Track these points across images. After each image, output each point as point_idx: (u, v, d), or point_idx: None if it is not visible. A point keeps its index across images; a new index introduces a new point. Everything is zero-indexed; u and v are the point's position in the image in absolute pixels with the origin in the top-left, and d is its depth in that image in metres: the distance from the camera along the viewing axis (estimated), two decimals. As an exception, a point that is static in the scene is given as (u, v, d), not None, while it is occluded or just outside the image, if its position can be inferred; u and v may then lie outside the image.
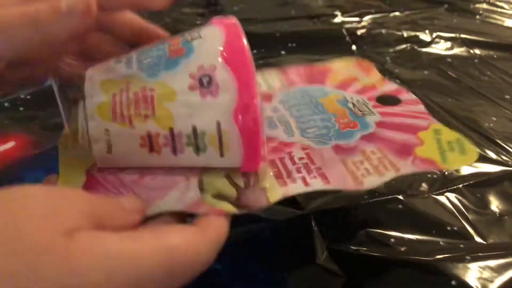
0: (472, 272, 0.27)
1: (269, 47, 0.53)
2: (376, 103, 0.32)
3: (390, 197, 0.33)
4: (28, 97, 0.43)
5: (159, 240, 0.18)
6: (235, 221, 0.30)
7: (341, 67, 0.36)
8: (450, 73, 0.52)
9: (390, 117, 0.30)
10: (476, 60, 0.56)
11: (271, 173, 0.25)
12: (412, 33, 0.60)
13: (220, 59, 0.23)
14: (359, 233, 0.30)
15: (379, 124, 0.29)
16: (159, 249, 0.18)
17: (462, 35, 0.60)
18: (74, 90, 0.27)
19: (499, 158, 0.38)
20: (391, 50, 0.57)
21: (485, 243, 0.30)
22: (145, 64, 0.23)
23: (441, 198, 0.33)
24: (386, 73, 0.51)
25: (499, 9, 0.73)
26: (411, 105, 0.31)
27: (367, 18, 0.64)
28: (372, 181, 0.24)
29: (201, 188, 0.24)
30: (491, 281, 0.27)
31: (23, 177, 0.34)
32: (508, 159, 0.38)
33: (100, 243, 0.17)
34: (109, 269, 0.16)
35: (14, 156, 0.36)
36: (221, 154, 0.23)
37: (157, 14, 0.56)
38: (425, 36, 0.60)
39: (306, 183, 0.24)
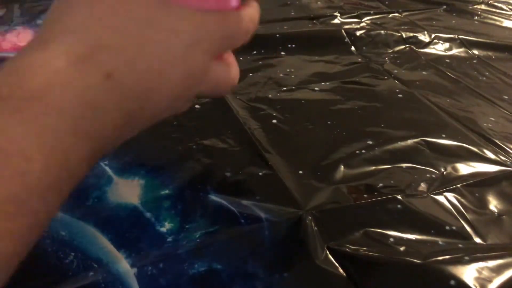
0: (471, 272, 0.27)
1: (268, 48, 0.53)
2: None
3: (389, 197, 0.33)
4: None
5: None
6: (235, 221, 0.30)
7: None
8: (448, 73, 0.52)
9: None
10: (474, 61, 0.56)
11: None
12: (411, 34, 0.60)
13: None
14: (358, 233, 0.30)
15: None
16: None
17: (461, 36, 0.60)
18: None
19: (498, 158, 0.38)
20: (390, 51, 0.57)
21: (484, 243, 0.30)
22: None
23: (440, 198, 0.33)
24: (385, 73, 0.51)
25: (497, 10, 0.73)
26: None
27: (366, 19, 0.64)
28: None
29: None
30: (490, 281, 0.27)
31: None
32: (506, 159, 0.38)
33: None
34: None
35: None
36: None
37: None
38: (424, 37, 0.60)
39: None
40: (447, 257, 0.28)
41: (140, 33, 0.19)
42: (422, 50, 0.58)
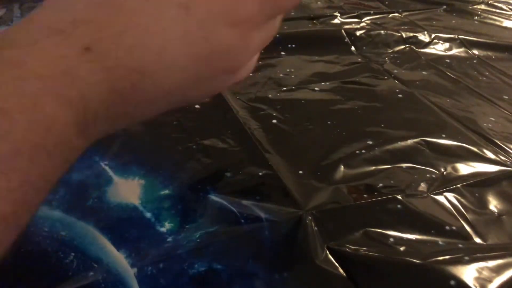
0: (471, 272, 0.27)
1: (268, 48, 0.53)
2: None
3: (389, 197, 0.33)
4: None
5: None
6: (235, 221, 0.30)
7: None
8: (448, 73, 0.52)
9: None
10: (474, 61, 0.56)
11: None
12: (411, 34, 0.60)
13: None
14: (358, 233, 0.30)
15: None
16: None
17: (461, 36, 0.60)
18: None
19: (498, 158, 0.38)
20: (390, 51, 0.57)
21: (484, 243, 0.30)
22: None
23: (440, 198, 0.33)
24: (385, 73, 0.51)
25: (497, 10, 0.73)
26: None
27: (366, 19, 0.64)
28: None
29: None
30: (490, 281, 0.27)
31: None
32: (506, 159, 0.38)
33: None
34: None
35: None
36: None
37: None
38: (424, 37, 0.60)
39: None
40: (447, 257, 0.28)
41: (135, 10, 0.18)
42: (422, 50, 0.58)
